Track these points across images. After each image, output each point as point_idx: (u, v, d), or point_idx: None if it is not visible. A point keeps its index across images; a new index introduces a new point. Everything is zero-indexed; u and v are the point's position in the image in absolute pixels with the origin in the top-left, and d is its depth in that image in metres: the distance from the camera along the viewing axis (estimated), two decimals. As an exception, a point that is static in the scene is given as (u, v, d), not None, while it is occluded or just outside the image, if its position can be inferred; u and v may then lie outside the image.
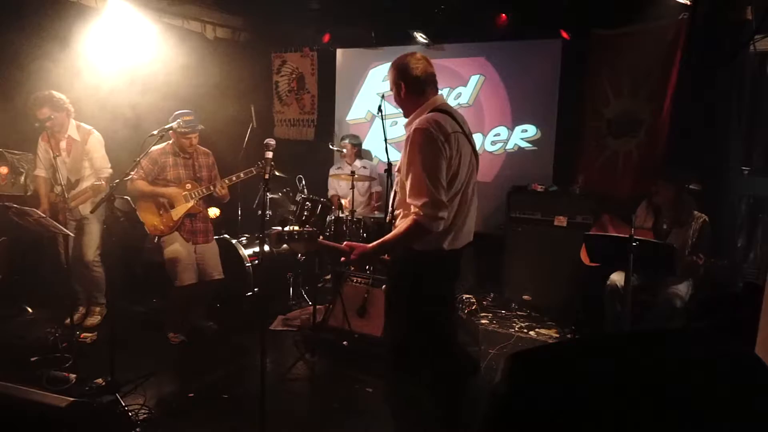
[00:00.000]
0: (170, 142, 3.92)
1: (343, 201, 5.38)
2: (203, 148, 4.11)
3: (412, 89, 2.40)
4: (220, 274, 4.15)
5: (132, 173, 3.32)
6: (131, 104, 4.76)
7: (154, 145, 3.36)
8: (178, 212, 3.92)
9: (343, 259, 2.38)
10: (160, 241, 3.94)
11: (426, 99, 2.40)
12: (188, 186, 3.95)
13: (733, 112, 4.26)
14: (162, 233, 3.91)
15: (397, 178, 2.45)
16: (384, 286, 3.91)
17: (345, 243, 2.41)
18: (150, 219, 3.89)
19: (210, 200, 4.11)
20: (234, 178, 3.90)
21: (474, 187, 2.44)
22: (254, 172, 3.77)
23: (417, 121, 2.29)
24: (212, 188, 3.92)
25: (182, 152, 3.95)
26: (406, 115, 2.48)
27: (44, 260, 4.54)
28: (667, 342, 0.90)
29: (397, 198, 2.45)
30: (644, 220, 3.99)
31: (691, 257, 3.59)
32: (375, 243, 2.36)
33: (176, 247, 3.91)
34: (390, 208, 2.52)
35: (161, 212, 3.92)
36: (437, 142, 2.19)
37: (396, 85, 2.43)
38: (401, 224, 2.30)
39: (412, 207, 2.21)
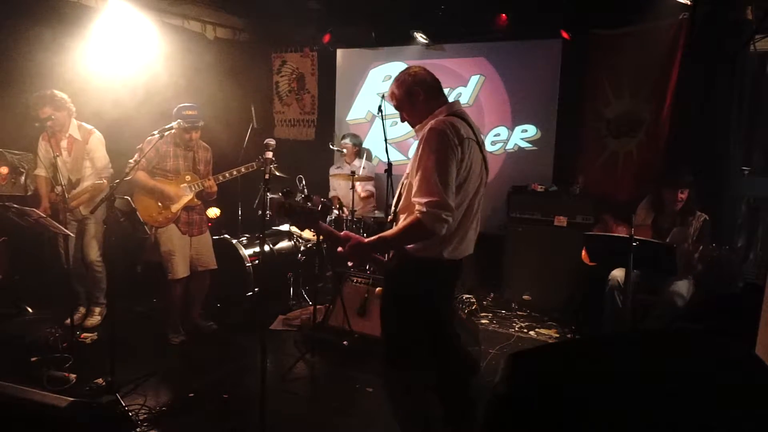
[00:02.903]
0: (173, 132, 3.92)
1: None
2: (204, 143, 4.12)
3: (430, 94, 2.36)
4: (215, 264, 4.23)
5: (132, 162, 3.43)
6: (132, 104, 4.76)
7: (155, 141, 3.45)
8: (177, 204, 3.93)
9: (339, 249, 2.30)
10: (156, 233, 3.94)
11: (441, 103, 2.36)
12: (188, 178, 3.96)
13: (733, 112, 4.26)
14: (160, 225, 3.92)
15: (403, 180, 2.36)
16: (378, 289, 3.91)
17: (344, 233, 2.32)
18: (149, 211, 3.89)
19: (199, 195, 4.10)
20: (235, 172, 3.92)
21: (481, 199, 2.37)
22: (255, 167, 3.78)
23: (433, 121, 2.23)
24: (203, 184, 3.93)
25: (183, 144, 3.97)
26: (418, 122, 2.39)
27: (44, 260, 4.54)
28: (668, 342, 0.90)
29: (401, 201, 2.35)
30: (645, 217, 3.98)
31: (689, 246, 3.61)
32: (373, 237, 2.27)
33: (173, 241, 3.94)
34: (393, 209, 2.44)
35: (160, 204, 3.92)
36: (451, 143, 2.13)
37: (411, 94, 2.35)
38: (402, 222, 2.23)
39: (416, 206, 2.12)
